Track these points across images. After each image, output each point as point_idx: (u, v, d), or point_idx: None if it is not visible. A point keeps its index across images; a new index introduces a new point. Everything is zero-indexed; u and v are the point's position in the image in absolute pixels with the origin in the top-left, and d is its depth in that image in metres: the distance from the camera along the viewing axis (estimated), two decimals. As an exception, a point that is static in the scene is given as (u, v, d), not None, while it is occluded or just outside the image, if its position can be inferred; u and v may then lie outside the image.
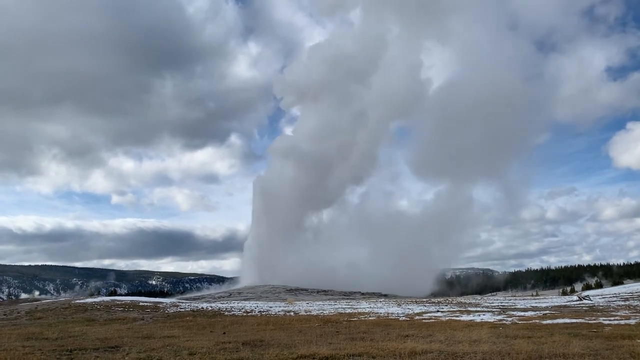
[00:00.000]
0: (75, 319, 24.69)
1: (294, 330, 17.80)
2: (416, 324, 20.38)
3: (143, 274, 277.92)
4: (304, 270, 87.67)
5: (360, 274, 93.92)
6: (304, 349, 11.86)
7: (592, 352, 10.94)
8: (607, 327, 16.69)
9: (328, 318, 23.69)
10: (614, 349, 11.28)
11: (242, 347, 12.80)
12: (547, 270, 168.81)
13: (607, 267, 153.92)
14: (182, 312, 28.42)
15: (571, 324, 18.38)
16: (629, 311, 24.99)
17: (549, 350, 11.13)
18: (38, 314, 26.74)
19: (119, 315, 25.89)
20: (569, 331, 15.63)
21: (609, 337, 13.84)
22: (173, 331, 18.12)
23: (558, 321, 19.81)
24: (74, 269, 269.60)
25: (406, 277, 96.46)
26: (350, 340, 14.19)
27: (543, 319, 21.32)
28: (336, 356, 10.94)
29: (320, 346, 12.50)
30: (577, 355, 10.49)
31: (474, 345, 12.26)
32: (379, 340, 14.10)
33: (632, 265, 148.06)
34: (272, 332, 17.35)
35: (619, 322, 18.73)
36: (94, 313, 26.99)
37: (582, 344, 12.03)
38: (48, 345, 13.66)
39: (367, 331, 17.07)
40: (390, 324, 20.46)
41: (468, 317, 22.70)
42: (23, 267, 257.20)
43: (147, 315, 26.07)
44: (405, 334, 15.62)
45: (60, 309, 28.89)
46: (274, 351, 11.76)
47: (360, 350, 11.63)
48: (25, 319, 24.73)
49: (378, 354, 11.21)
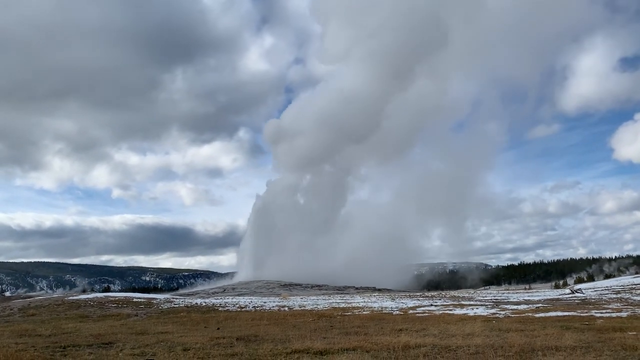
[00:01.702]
0: (68, 315, 24.60)
1: (288, 325, 17.81)
2: (410, 318, 20.45)
3: (137, 270, 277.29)
4: (298, 265, 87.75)
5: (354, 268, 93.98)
6: (298, 344, 11.88)
7: (584, 344, 11.02)
8: (599, 320, 16.83)
9: (322, 313, 23.73)
10: (605, 342, 11.38)
11: (236, 342, 12.80)
12: (540, 264, 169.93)
13: (600, 260, 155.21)
14: (176, 308, 28.38)
15: (563, 317, 18.52)
16: (620, 304, 25.20)
17: (542, 343, 11.21)
18: (31, 310, 26.62)
19: (112, 312, 25.82)
20: (562, 324, 15.74)
21: (601, 329, 13.95)
22: (167, 327, 18.09)
23: (550, 314, 19.95)
24: (68, 266, 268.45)
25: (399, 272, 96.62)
26: (344, 335, 14.23)
27: (536, 312, 21.46)
28: (330, 350, 10.96)
29: (314, 341, 12.53)
30: (569, 347, 10.57)
31: (468, 339, 12.32)
32: (373, 334, 14.14)
33: (624, 258, 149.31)
34: (266, 327, 17.35)
35: (610, 314, 18.89)
36: (88, 309, 26.90)
37: (575, 337, 12.12)
38: (41, 342, 13.60)
39: (361, 325, 17.12)
40: (384, 318, 20.52)
41: (461, 311, 22.81)
42: (16, 264, 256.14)
43: (141, 312, 26.01)
44: (399, 328, 15.67)
45: (53, 305, 28.77)
46: (268, 346, 11.76)
47: (354, 345, 11.66)
48: (18, 316, 24.62)
49: (372, 348, 11.24)
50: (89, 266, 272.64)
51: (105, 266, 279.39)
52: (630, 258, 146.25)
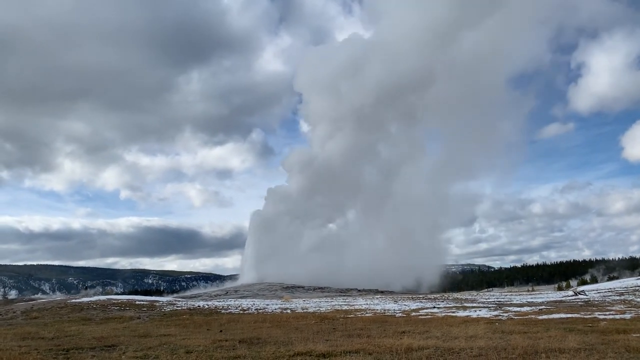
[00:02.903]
0: (71, 318, 24.61)
1: (291, 328, 17.80)
2: (412, 320, 20.42)
3: (139, 272, 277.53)
4: (301, 267, 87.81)
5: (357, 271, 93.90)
6: (301, 346, 11.87)
7: (587, 346, 10.99)
8: (603, 322, 16.78)
9: (324, 315, 23.71)
10: (609, 344, 11.34)
11: (239, 345, 12.80)
12: (544, 265, 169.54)
13: (603, 261, 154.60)
14: (179, 310, 28.38)
15: (567, 319, 18.47)
16: (623, 306, 25.12)
17: (545, 345, 11.18)
18: (34, 313, 26.64)
19: (115, 314, 25.82)
20: (565, 326, 15.69)
21: (604, 331, 13.91)
22: (169, 330, 18.09)
23: (554, 316, 19.89)
24: (70, 268, 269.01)
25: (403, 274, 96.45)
26: (347, 337, 14.21)
27: (539, 314, 21.40)
28: (333, 353, 10.95)
29: (316, 343, 12.52)
30: (572, 350, 10.54)
31: (470, 341, 12.30)
32: (376, 336, 14.12)
33: (628, 259, 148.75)
34: (269, 329, 17.34)
35: (614, 316, 18.83)
36: (90, 312, 26.91)
37: (578, 339, 12.09)
38: (44, 345, 13.62)
39: (363, 328, 17.10)
40: (386, 320, 20.49)
41: (464, 313, 22.76)
42: (19, 266, 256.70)
43: (144, 314, 26.02)
44: (402, 330, 15.65)
45: (56, 308, 28.79)
46: (270, 348, 11.76)
47: (356, 347, 11.65)
48: (21, 319, 24.64)
49: (375, 350, 11.23)
50: (91, 269, 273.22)
51: (108, 269, 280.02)
52: (634, 260, 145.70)
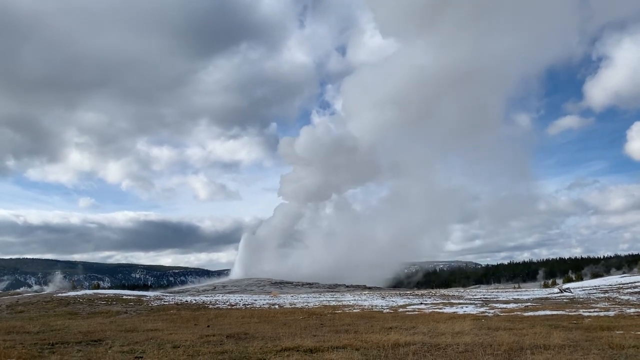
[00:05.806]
0: (57, 312, 24.42)
1: (279, 323, 17.81)
2: (400, 316, 20.52)
3: (127, 267, 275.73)
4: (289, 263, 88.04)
5: (344, 266, 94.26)
6: (288, 342, 11.87)
7: (572, 343, 11.12)
8: (587, 319, 16.99)
9: (312, 311, 23.75)
10: (593, 340, 11.49)
11: (226, 340, 12.77)
12: (530, 262, 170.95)
13: (590, 260, 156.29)
14: (166, 305, 28.27)
15: (552, 316, 18.68)
16: (608, 303, 25.46)
17: (530, 341, 11.29)
18: (19, 307, 26.39)
19: (102, 309, 25.66)
20: (550, 323, 15.87)
21: (589, 328, 14.09)
22: (157, 324, 18.01)
23: (539, 313, 20.11)
24: (56, 262, 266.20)
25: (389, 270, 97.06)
26: (335, 333, 14.25)
27: (524, 311, 21.62)
28: (320, 348, 10.96)
29: (304, 338, 12.53)
30: (557, 346, 10.66)
31: (457, 337, 12.39)
32: (363, 332, 14.17)
33: (613, 257, 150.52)
34: (257, 324, 17.34)
35: (598, 313, 19.08)
36: (77, 306, 26.71)
37: (563, 336, 12.22)
38: (30, 339, 13.48)
39: (351, 323, 17.16)
40: (374, 316, 20.58)
41: (451, 310, 22.93)
42: (4, 260, 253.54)
43: (131, 309, 25.88)
44: (389, 326, 15.72)
45: (42, 302, 28.54)
46: (258, 344, 11.75)
47: (344, 343, 11.68)
48: (6, 313, 24.39)
49: (362, 346, 11.27)
50: (78, 263, 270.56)
51: (95, 263, 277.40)
52: (619, 258, 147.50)
